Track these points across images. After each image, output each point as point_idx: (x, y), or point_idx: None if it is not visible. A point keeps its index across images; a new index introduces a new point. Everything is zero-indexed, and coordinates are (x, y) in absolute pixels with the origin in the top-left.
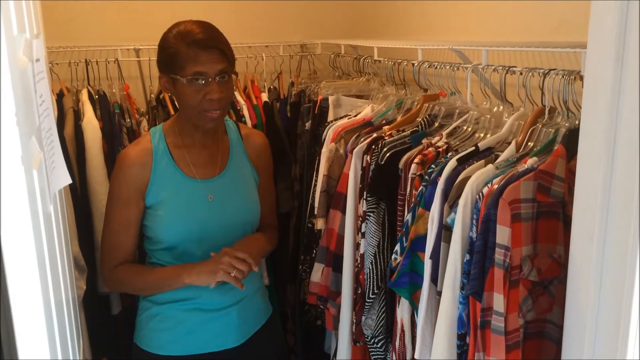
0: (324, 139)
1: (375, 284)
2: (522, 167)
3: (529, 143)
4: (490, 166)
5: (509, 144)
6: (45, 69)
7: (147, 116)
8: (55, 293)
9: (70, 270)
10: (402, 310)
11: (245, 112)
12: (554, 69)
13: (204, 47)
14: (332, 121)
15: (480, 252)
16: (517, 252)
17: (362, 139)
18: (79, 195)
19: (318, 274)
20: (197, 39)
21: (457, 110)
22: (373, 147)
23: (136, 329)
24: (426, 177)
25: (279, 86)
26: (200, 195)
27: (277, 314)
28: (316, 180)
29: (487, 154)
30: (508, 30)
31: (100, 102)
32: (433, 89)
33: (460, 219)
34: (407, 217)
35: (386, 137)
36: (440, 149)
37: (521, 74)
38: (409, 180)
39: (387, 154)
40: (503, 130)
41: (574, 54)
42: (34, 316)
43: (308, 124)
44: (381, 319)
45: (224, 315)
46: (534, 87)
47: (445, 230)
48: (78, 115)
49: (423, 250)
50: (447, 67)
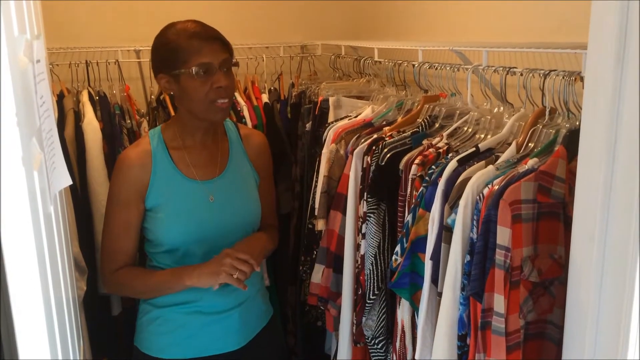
0: (325, 140)
1: (375, 285)
2: (522, 168)
3: (530, 144)
4: (490, 167)
5: (510, 144)
6: (45, 70)
7: (147, 117)
8: (55, 293)
9: (71, 271)
10: (403, 311)
11: (246, 113)
12: (555, 70)
13: (206, 38)
14: (332, 122)
15: (480, 253)
16: (517, 253)
17: (362, 140)
18: (79, 196)
19: (318, 275)
20: (196, 31)
21: (457, 111)
22: (373, 148)
23: (136, 332)
24: (427, 178)
25: (280, 87)
26: (201, 197)
27: (277, 315)
28: (316, 181)
29: (488, 155)
30: (508, 31)
31: (101, 103)
32: (433, 90)
33: (461, 219)
34: (408, 218)
35: (387, 138)
36: (440, 150)
37: (521, 74)
38: (410, 181)
39: (388, 155)
40: (503, 131)
41: (574, 55)
42: (34, 316)
43: (308, 125)
44: (382, 320)
45: (225, 318)
46: (535, 88)
47: (445, 231)
48: (78, 116)
49: (423, 251)
50: (448, 68)
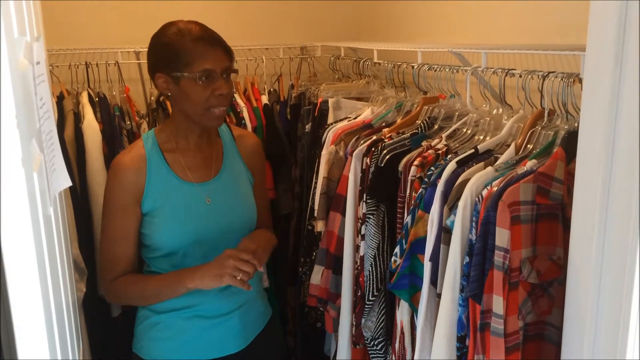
0: (324, 142)
1: (375, 286)
2: (521, 170)
3: (528, 145)
4: (489, 168)
5: (509, 146)
6: (45, 72)
7: (147, 118)
8: (55, 295)
9: (70, 273)
10: (402, 312)
11: (245, 115)
12: (553, 72)
13: (210, 44)
14: (332, 123)
15: (479, 255)
16: (516, 255)
17: (362, 142)
18: (79, 197)
19: (318, 276)
20: (200, 35)
21: (456, 113)
22: (373, 149)
23: (135, 338)
24: (426, 179)
25: (279, 88)
26: (198, 199)
27: (277, 316)
28: (316, 183)
29: (487, 157)
30: (507, 33)
31: (101, 105)
32: (433, 91)
33: (460, 221)
34: (407, 219)
35: (386, 140)
36: (439, 152)
37: (520, 76)
38: (409, 183)
39: (387, 156)
40: (502, 133)
41: (573, 57)
42: (33, 318)
43: (308, 127)
44: (381, 321)
45: (225, 322)
46: (533, 89)
47: (444, 232)
48: (78, 118)
49: (423, 252)
50: (447, 70)
